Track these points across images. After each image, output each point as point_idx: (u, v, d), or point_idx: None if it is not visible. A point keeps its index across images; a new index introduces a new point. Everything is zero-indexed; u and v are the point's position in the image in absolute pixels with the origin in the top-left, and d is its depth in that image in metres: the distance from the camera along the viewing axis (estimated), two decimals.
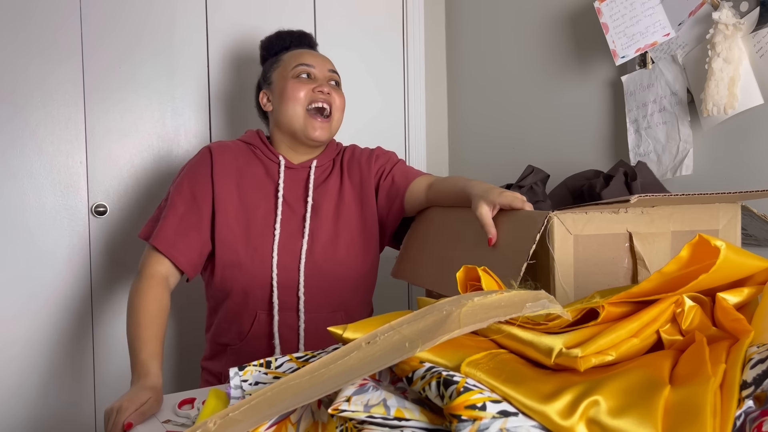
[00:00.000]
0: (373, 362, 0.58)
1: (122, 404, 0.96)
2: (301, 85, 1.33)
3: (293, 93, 1.33)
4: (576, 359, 0.59)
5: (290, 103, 1.33)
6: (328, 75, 1.37)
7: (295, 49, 1.42)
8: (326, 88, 1.33)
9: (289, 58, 1.38)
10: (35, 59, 1.59)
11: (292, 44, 1.43)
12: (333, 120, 1.36)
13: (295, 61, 1.36)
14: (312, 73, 1.36)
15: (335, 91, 1.36)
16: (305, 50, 1.41)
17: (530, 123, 1.80)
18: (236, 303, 1.32)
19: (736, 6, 1.25)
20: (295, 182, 1.37)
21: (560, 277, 0.95)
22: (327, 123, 1.35)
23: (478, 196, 1.08)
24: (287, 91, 1.33)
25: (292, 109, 1.33)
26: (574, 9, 1.64)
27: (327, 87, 1.34)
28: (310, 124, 1.33)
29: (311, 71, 1.36)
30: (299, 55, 1.38)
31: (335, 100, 1.35)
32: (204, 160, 1.34)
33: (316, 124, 1.33)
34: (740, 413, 0.53)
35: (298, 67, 1.35)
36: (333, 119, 1.36)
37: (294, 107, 1.33)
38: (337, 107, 1.36)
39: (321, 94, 1.33)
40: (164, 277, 1.25)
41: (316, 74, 1.36)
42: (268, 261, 1.30)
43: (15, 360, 1.59)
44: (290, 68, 1.35)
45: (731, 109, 1.24)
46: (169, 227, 1.28)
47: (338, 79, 1.40)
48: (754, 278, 0.67)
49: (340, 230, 1.35)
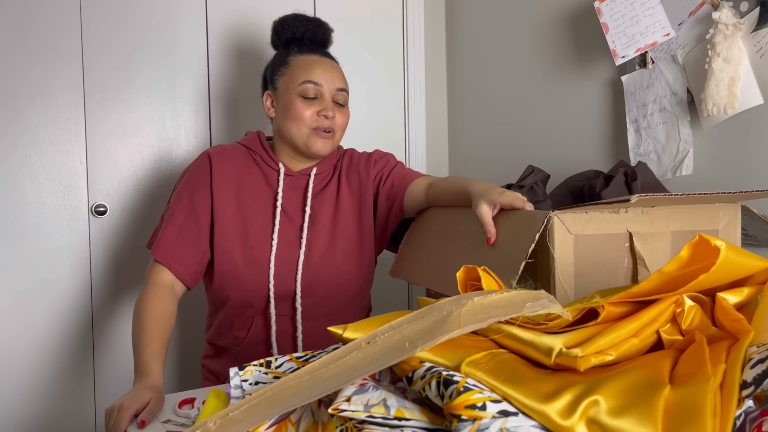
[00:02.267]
0: (373, 362, 0.58)
1: (123, 403, 0.96)
2: (307, 107, 1.30)
3: (299, 114, 1.30)
4: (576, 359, 0.59)
5: (295, 123, 1.31)
6: (335, 94, 1.33)
7: (307, 48, 1.36)
8: (331, 112, 1.31)
9: (297, 67, 1.33)
10: (35, 59, 1.59)
11: (305, 36, 1.37)
12: (335, 138, 1.35)
13: (303, 75, 1.32)
14: (320, 93, 1.32)
15: (340, 112, 1.34)
16: (316, 58, 1.34)
17: (530, 123, 1.80)
18: (233, 310, 1.33)
19: (736, 6, 1.25)
20: (294, 190, 1.36)
21: (560, 277, 0.95)
22: (330, 137, 1.33)
23: (479, 195, 1.08)
24: (292, 110, 1.31)
25: (296, 128, 1.31)
26: (574, 9, 1.64)
27: (332, 110, 1.32)
28: (312, 141, 1.32)
29: (319, 91, 1.31)
30: (309, 68, 1.32)
31: (338, 121, 1.34)
32: (203, 168, 1.33)
33: (319, 140, 1.32)
34: (740, 413, 0.53)
35: (306, 85, 1.30)
36: (335, 136, 1.35)
37: (299, 127, 1.31)
38: (339, 127, 1.34)
39: (326, 119, 1.31)
40: (169, 284, 1.25)
41: (324, 93, 1.32)
42: (265, 272, 1.30)
43: (15, 360, 1.59)
44: (298, 83, 1.31)
45: (731, 109, 1.24)
46: (168, 237, 1.28)
47: (345, 98, 1.36)
48: (754, 278, 0.67)
49: (337, 239, 1.34)
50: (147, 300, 1.21)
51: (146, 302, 1.21)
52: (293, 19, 1.39)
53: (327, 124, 1.31)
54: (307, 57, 1.34)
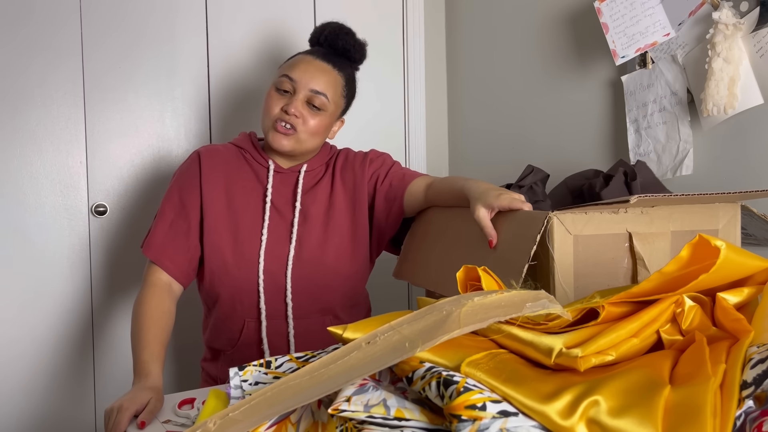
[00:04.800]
0: (373, 362, 0.58)
1: (122, 404, 0.96)
2: (276, 100, 1.29)
3: (267, 104, 1.30)
4: (576, 359, 0.59)
5: (265, 114, 1.31)
6: (308, 95, 1.29)
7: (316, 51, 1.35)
8: (293, 108, 1.27)
9: (288, 62, 1.34)
10: (35, 59, 1.59)
11: (327, 41, 1.36)
12: (298, 137, 1.30)
13: (286, 69, 1.31)
14: (292, 89, 1.29)
15: (311, 115, 1.29)
16: (311, 58, 1.32)
17: (530, 123, 1.80)
18: (225, 309, 1.32)
19: (736, 6, 1.25)
20: (285, 186, 1.35)
21: (560, 277, 0.95)
22: (289, 134, 1.29)
23: (476, 199, 1.07)
24: (265, 102, 1.31)
25: (264, 120, 1.31)
26: (574, 9, 1.64)
27: (296, 108, 1.27)
28: (272, 135, 1.29)
29: (292, 87, 1.29)
30: (296, 64, 1.31)
31: (304, 122, 1.29)
32: (192, 166, 1.33)
33: (279, 135, 1.29)
34: (740, 413, 0.53)
35: (282, 78, 1.29)
36: (298, 137, 1.30)
37: (265, 119, 1.31)
38: (307, 129, 1.29)
39: (285, 114, 1.28)
40: (167, 284, 1.26)
41: (297, 90, 1.28)
42: (254, 267, 1.29)
43: (15, 360, 1.59)
44: (278, 75, 1.31)
45: (731, 109, 1.24)
46: (159, 235, 1.28)
47: (323, 102, 1.30)
48: (754, 278, 0.67)
49: (330, 235, 1.34)
50: (145, 300, 1.21)
51: (144, 303, 1.21)
52: (327, 24, 1.39)
53: (286, 118, 1.28)
54: (305, 56, 1.34)
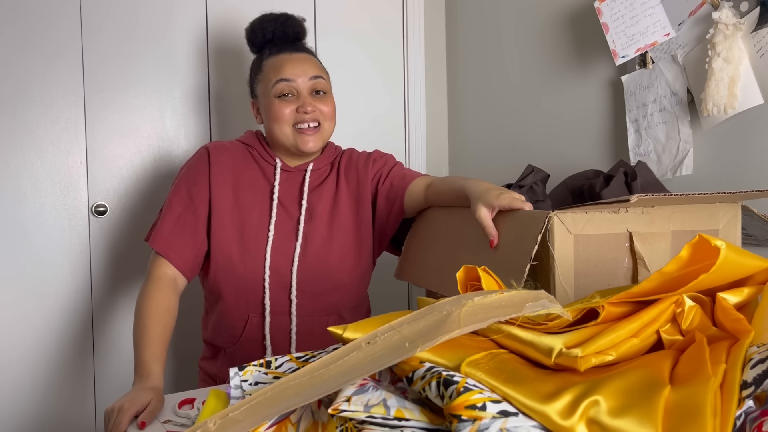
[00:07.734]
0: (373, 362, 0.58)
1: (123, 404, 0.96)
2: (285, 106, 1.30)
3: (277, 114, 1.30)
4: (576, 359, 0.59)
5: (277, 124, 1.31)
6: (311, 85, 1.31)
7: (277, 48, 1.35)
8: (310, 106, 1.30)
9: (269, 69, 1.33)
10: (35, 59, 1.59)
11: (275, 36, 1.36)
12: (323, 129, 1.33)
13: (274, 75, 1.31)
14: (294, 89, 1.30)
15: (321, 102, 1.32)
16: (284, 56, 1.33)
17: (530, 123, 1.80)
18: (229, 305, 1.32)
19: (736, 6, 1.25)
20: (291, 184, 1.36)
21: (560, 277, 0.95)
22: (317, 132, 1.32)
23: (476, 199, 1.07)
24: (271, 112, 1.31)
25: (280, 129, 1.31)
26: (574, 9, 1.64)
27: (311, 104, 1.30)
28: (300, 140, 1.31)
29: (293, 87, 1.30)
30: (279, 67, 1.31)
31: (321, 112, 1.32)
32: (201, 161, 1.34)
33: (307, 137, 1.31)
34: (740, 413, 0.53)
35: (279, 84, 1.30)
36: (323, 128, 1.33)
37: (281, 127, 1.31)
38: (326, 117, 1.32)
39: (306, 114, 1.30)
40: (171, 279, 1.25)
41: (299, 88, 1.30)
42: (260, 262, 1.30)
43: (15, 360, 1.59)
44: (271, 85, 1.31)
45: (731, 109, 1.24)
46: (166, 228, 1.28)
47: (324, 84, 1.33)
48: (754, 278, 0.67)
49: (334, 234, 1.34)
50: (149, 296, 1.21)
51: (148, 298, 1.20)
52: (260, 21, 1.39)
53: (308, 118, 1.30)
54: (276, 58, 1.34)
